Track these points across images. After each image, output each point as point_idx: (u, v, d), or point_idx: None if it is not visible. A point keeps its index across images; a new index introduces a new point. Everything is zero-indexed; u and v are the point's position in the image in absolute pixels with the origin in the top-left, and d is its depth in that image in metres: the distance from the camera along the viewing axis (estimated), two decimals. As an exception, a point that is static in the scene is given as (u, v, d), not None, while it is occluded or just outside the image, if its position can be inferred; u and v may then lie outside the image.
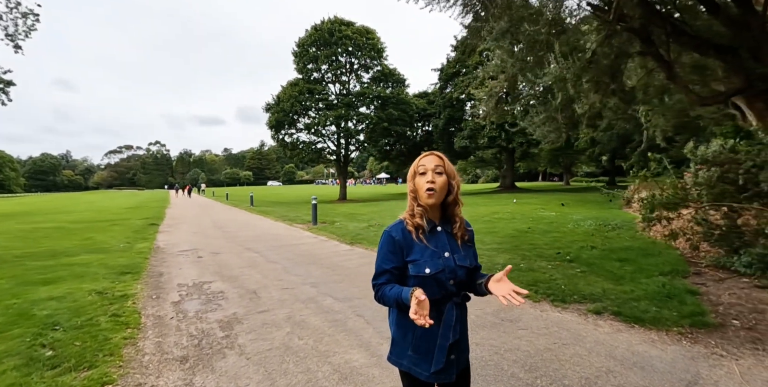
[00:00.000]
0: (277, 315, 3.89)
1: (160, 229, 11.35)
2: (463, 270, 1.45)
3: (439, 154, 1.50)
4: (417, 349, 1.44)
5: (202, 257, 7.02)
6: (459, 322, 1.44)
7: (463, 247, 1.49)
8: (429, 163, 1.46)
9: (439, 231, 1.48)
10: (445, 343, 1.40)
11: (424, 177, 1.44)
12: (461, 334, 1.46)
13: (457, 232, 1.50)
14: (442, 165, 1.46)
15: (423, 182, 1.44)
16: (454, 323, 1.42)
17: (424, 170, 1.46)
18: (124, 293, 4.65)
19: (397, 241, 1.44)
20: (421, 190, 1.45)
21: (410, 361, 1.45)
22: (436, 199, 1.44)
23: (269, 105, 26.11)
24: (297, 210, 17.55)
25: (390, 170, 79.88)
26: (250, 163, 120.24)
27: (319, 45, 26.27)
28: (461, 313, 1.47)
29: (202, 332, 3.46)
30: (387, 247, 1.46)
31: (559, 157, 40.12)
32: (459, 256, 1.46)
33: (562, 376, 2.59)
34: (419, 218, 1.46)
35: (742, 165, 4.69)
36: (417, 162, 1.49)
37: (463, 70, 29.68)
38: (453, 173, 1.48)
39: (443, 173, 1.45)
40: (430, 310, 1.29)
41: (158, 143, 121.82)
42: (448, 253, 1.44)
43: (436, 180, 1.43)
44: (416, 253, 1.43)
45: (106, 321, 3.66)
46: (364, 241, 8.18)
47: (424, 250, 1.43)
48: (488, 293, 1.40)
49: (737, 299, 3.67)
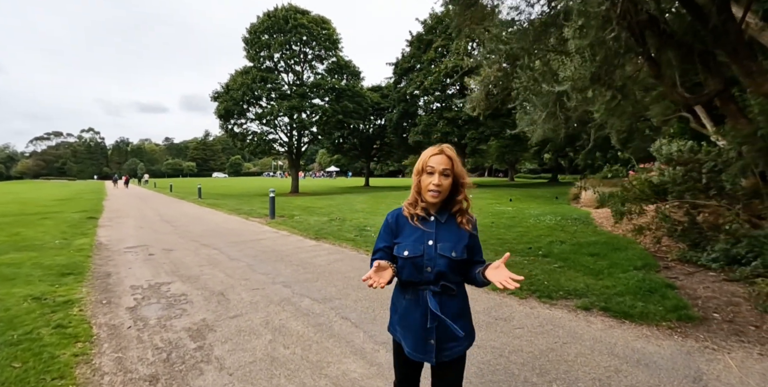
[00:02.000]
0: (252, 320, 3.50)
1: (100, 223, 10.19)
2: (444, 260, 1.47)
3: (450, 153, 1.50)
4: (402, 325, 1.56)
5: (154, 255, 6.33)
6: (443, 311, 1.46)
7: (455, 239, 1.51)
8: (438, 165, 1.47)
9: (432, 220, 1.54)
10: (419, 326, 1.49)
11: (431, 178, 1.47)
12: (448, 325, 1.45)
13: (460, 225, 1.54)
14: (451, 167, 1.48)
15: (429, 183, 1.47)
16: (431, 311, 1.45)
17: (431, 171, 1.48)
18: (67, 298, 4.00)
19: (390, 224, 1.58)
20: (425, 190, 1.49)
21: (399, 333, 1.58)
22: (440, 199, 1.49)
23: (218, 93, 24.60)
24: (249, 203, 16.68)
25: (340, 163, 79.13)
26: (193, 154, 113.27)
27: (272, 32, 25.08)
28: (443, 302, 1.48)
29: (169, 343, 3.01)
30: (383, 229, 1.61)
31: (506, 154, 41.72)
32: (443, 245, 1.49)
33: (575, 379, 2.50)
34: (417, 209, 1.54)
35: (704, 165, 4.97)
36: (425, 159, 1.50)
37: (417, 66, 29.77)
38: (462, 173, 1.52)
39: (450, 175, 1.48)
40: (408, 292, 1.54)
41: (92, 130, 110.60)
42: (432, 242, 1.50)
43: (443, 183, 1.47)
44: (403, 237, 1.54)
45: (50, 333, 3.08)
46: (329, 237, 7.83)
47: (410, 235, 1.53)
48: (486, 281, 1.43)
49: (712, 292, 3.85)
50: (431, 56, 27.27)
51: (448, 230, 1.52)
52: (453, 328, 1.43)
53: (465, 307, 1.57)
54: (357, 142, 36.97)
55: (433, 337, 1.48)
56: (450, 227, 1.53)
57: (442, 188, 1.47)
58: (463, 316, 1.55)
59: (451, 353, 1.50)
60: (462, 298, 1.56)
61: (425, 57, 28.11)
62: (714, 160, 4.87)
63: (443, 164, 1.47)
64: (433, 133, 26.98)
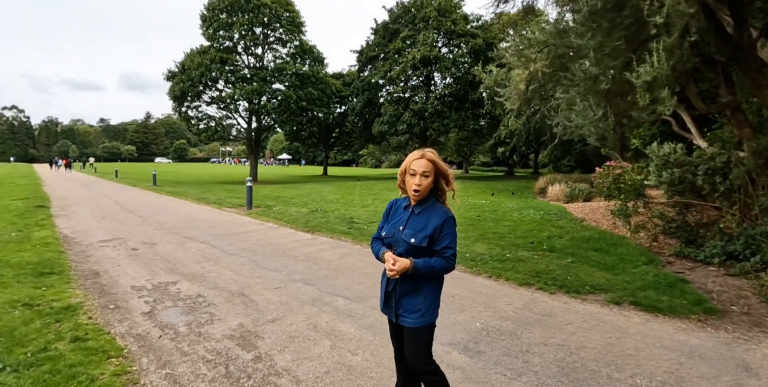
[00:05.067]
0: (295, 323, 3.27)
1: (54, 212, 9.08)
2: (405, 244, 1.80)
3: (431, 157, 1.79)
4: (380, 288, 1.99)
5: (137, 249, 5.75)
6: (401, 286, 1.84)
7: (419, 228, 1.79)
8: (419, 168, 1.76)
9: (409, 210, 1.88)
10: (383, 288, 1.93)
11: (413, 179, 1.78)
12: (402, 292, 1.84)
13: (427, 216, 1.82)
14: (430, 169, 1.77)
15: (411, 183, 1.79)
16: (388, 278, 1.86)
17: (413, 173, 1.78)
18: (65, 304, 3.50)
19: (386, 210, 2.00)
20: (409, 189, 1.82)
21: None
22: (420, 197, 1.81)
23: (172, 73, 22.73)
24: (212, 191, 15.74)
25: (292, 151, 76.97)
26: (133, 137, 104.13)
27: (232, 11, 23.53)
28: (401, 278, 1.79)
29: (219, 354, 2.72)
30: (384, 214, 2.01)
31: (464, 147, 42.79)
32: (407, 232, 1.80)
33: (650, 373, 2.59)
34: (402, 196, 1.96)
35: (699, 168, 5.35)
36: (409, 162, 1.79)
37: (381, 55, 29.43)
38: (444, 171, 1.82)
39: (430, 176, 1.77)
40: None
41: (15, 108, 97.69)
42: (402, 227, 1.84)
43: (422, 183, 1.77)
44: (389, 221, 1.95)
45: (71, 349, 2.66)
46: (321, 229, 7.57)
47: (392, 219, 1.93)
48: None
49: (720, 286, 4.17)
50: (398, 46, 27.01)
51: (417, 221, 1.82)
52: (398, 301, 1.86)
53: (420, 288, 1.83)
54: (316, 130, 36.07)
55: (392, 300, 1.87)
56: (420, 218, 1.82)
57: (422, 188, 1.77)
58: (416, 294, 1.83)
59: (404, 319, 1.84)
60: (419, 279, 1.81)
61: (391, 46, 27.80)
62: (708, 163, 5.26)
63: (423, 167, 1.76)
64: (399, 123, 26.94)
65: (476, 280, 4.60)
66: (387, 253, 1.78)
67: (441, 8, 26.51)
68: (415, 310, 1.81)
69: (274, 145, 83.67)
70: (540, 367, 2.63)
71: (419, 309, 1.82)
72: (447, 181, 1.84)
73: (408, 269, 1.71)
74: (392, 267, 1.70)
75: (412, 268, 1.72)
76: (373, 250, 1.97)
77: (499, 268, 4.92)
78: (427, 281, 1.83)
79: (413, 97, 28.08)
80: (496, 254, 5.57)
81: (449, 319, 3.41)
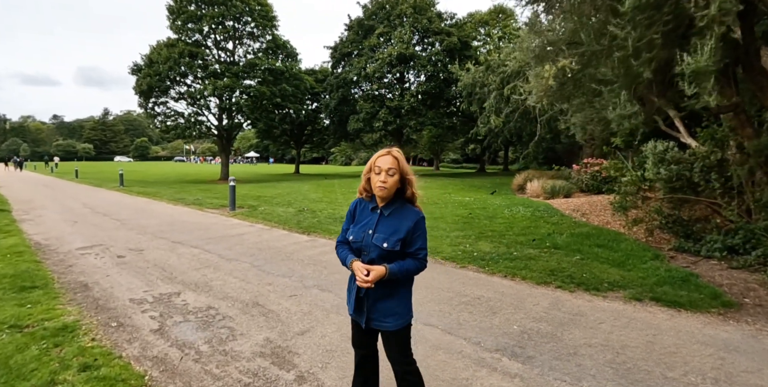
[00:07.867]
0: (328, 336, 3.07)
1: (17, 217, 8.30)
2: (377, 249, 1.72)
3: (396, 154, 1.72)
4: (348, 290, 1.91)
5: (124, 257, 5.32)
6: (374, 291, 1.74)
7: (391, 231, 1.72)
8: (384, 165, 1.70)
9: (377, 212, 1.78)
10: (352, 295, 1.84)
11: (378, 177, 1.70)
12: (376, 297, 1.77)
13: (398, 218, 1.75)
14: (396, 167, 1.70)
15: (377, 180, 1.71)
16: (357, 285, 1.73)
17: (378, 171, 1.71)
18: (61, 323, 3.13)
19: (351, 211, 1.89)
20: (374, 186, 1.73)
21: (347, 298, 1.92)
22: (386, 194, 1.73)
23: (138, 66, 21.52)
24: (187, 191, 15.02)
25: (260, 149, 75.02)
26: (90, 135, 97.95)
27: (201, 2, 22.52)
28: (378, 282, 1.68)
29: (256, 376, 2.49)
30: (347, 215, 1.91)
31: (435, 144, 43.09)
32: (378, 236, 1.72)
33: (700, 370, 2.59)
34: (366, 198, 1.84)
35: (695, 165, 5.52)
36: (374, 161, 1.73)
37: (356, 52, 29.10)
38: (407, 171, 1.74)
39: (396, 174, 1.71)
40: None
41: None
42: (371, 231, 1.75)
43: (388, 180, 1.70)
44: (355, 224, 1.84)
45: (84, 381, 2.33)
46: (317, 230, 7.33)
47: (359, 222, 1.82)
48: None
49: (728, 280, 4.30)
50: (373, 42, 26.78)
51: (388, 223, 1.74)
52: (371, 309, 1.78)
53: (394, 293, 1.78)
54: (288, 128, 35.27)
55: (364, 306, 1.79)
56: (391, 220, 1.74)
57: (388, 185, 1.70)
58: (390, 298, 1.77)
59: (381, 324, 1.78)
60: (393, 284, 1.74)
61: (366, 43, 27.54)
62: (703, 160, 5.43)
63: (389, 164, 1.70)
64: (375, 121, 26.74)
65: (493, 280, 4.54)
66: (356, 263, 1.71)
67: (416, 5, 26.46)
68: (392, 314, 1.78)
69: (242, 142, 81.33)
70: (595, 370, 2.57)
71: (396, 312, 1.79)
72: (407, 186, 1.77)
73: (384, 276, 1.66)
74: (366, 278, 1.64)
75: (387, 274, 1.66)
76: (340, 257, 1.85)
77: (512, 266, 4.88)
78: (401, 285, 1.80)
79: (388, 95, 27.96)
80: (503, 253, 5.54)
81: (484, 322, 3.32)
